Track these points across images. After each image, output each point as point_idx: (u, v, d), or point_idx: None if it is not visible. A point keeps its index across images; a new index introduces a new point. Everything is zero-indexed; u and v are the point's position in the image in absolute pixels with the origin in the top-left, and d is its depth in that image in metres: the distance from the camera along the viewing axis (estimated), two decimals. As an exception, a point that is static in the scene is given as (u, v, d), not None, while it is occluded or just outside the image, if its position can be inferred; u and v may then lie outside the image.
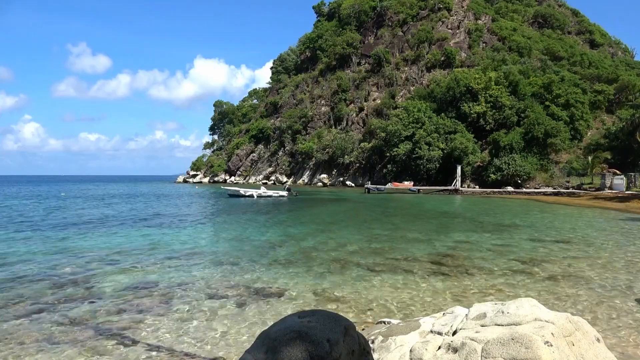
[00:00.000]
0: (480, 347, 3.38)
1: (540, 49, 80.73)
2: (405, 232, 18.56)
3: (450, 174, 57.18)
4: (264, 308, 7.95)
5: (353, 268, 11.18)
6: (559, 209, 30.68)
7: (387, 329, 4.57)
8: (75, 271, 10.99)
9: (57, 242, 15.62)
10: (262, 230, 19.24)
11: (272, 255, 13.24)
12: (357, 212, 30.69)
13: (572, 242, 15.55)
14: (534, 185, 53.00)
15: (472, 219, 24.07)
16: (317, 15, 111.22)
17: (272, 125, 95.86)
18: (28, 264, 11.87)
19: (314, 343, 2.74)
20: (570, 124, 59.97)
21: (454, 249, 13.95)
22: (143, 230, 19.22)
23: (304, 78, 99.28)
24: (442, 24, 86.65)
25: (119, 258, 12.73)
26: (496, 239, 16.32)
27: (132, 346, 6.28)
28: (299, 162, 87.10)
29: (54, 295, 8.85)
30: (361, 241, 15.72)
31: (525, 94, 62.80)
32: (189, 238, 17.04)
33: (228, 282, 9.82)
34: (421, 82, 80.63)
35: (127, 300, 8.48)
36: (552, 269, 10.95)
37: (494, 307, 4.06)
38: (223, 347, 6.24)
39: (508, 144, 56.06)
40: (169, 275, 10.58)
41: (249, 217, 26.00)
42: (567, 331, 3.47)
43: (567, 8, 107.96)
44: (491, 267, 11.27)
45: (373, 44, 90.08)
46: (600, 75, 72.73)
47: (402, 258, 12.52)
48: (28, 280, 10.10)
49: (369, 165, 74.25)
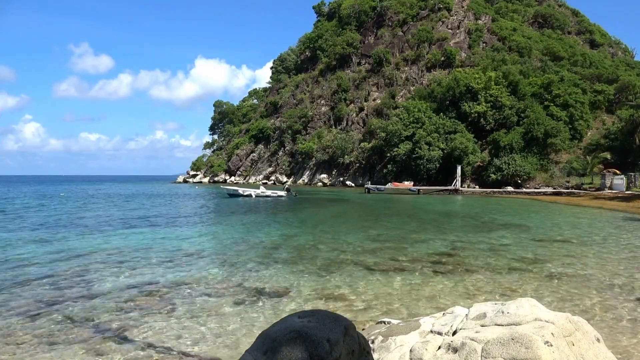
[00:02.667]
0: (480, 347, 3.38)
1: (540, 49, 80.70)
2: (405, 232, 18.57)
3: (451, 174, 57.18)
4: (264, 308, 7.95)
5: (353, 268, 11.19)
6: (558, 209, 30.68)
7: (387, 329, 4.57)
8: (74, 271, 10.98)
9: (56, 242, 15.61)
10: (261, 230, 19.24)
11: (271, 255, 13.24)
12: (357, 212, 30.70)
13: (572, 241, 15.55)
14: (534, 185, 53.00)
15: (472, 219, 24.07)
16: (317, 15, 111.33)
17: (272, 125, 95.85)
18: (28, 264, 11.88)
19: (314, 343, 2.74)
20: (570, 124, 59.98)
21: (454, 249, 13.96)
22: (142, 230, 19.22)
23: (304, 78, 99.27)
24: (442, 24, 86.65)
25: (118, 258, 12.73)
26: (496, 238, 16.32)
27: (132, 346, 6.28)
28: (299, 162, 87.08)
29: (54, 295, 8.85)
30: (361, 241, 15.72)
31: (525, 94, 62.82)
32: (188, 238, 17.05)
33: (228, 282, 9.82)
34: (421, 82, 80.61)
35: (127, 300, 8.48)
36: (552, 269, 10.95)
37: (494, 307, 4.06)
38: (223, 347, 6.24)
39: (508, 144, 56.09)
40: (168, 275, 10.58)
41: (249, 217, 26.00)
42: (567, 331, 3.47)
43: (567, 8, 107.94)
44: (491, 266, 11.27)
45: (373, 44, 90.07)
46: (600, 75, 72.70)
47: (402, 258, 12.53)
48: (28, 280, 10.10)
49: (369, 165, 74.24)
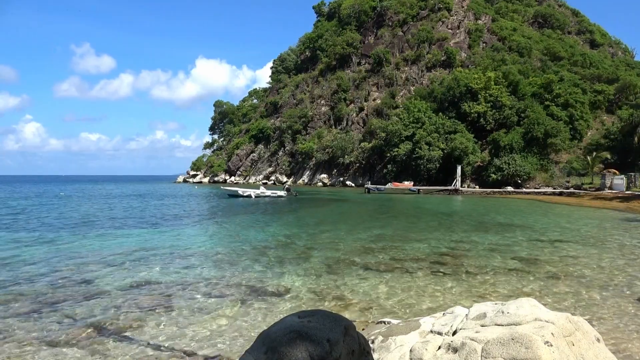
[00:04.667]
0: (480, 347, 3.38)
1: (540, 49, 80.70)
2: (405, 232, 18.57)
3: (451, 174, 57.17)
4: (264, 308, 7.95)
5: (353, 268, 11.19)
6: (558, 209, 30.67)
7: (387, 329, 4.57)
8: (74, 271, 10.99)
9: (56, 242, 15.61)
10: (261, 230, 19.24)
11: (271, 255, 13.24)
12: (357, 212, 30.70)
13: (572, 241, 15.55)
14: (534, 185, 53.00)
15: (472, 219, 24.07)
16: (317, 15, 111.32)
17: (272, 125, 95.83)
18: (28, 264, 11.87)
19: (314, 343, 2.74)
20: (570, 124, 59.99)
21: (454, 249, 13.96)
22: (142, 231, 19.22)
23: (304, 78, 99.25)
24: (442, 24, 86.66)
25: (118, 258, 12.73)
26: (496, 238, 16.32)
27: (132, 346, 6.28)
28: (299, 162, 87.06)
29: (54, 295, 8.85)
30: (361, 241, 15.72)
31: (525, 94, 62.84)
32: (188, 238, 17.06)
33: (228, 282, 9.82)
34: (421, 82, 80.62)
35: (127, 300, 8.48)
36: (552, 269, 10.95)
37: (494, 307, 4.06)
38: (223, 347, 6.24)
39: (508, 144, 56.09)
40: (168, 275, 10.58)
41: (249, 217, 26.01)
42: (567, 331, 3.47)
43: (567, 8, 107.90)
44: (491, 266, 11.27)
45: (373, 44, 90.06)
46: (600, 75, 72.69)
47: (402, 258, 12.52)
48: (28, 280, 10.10)
49: (369, 165, 74.23)
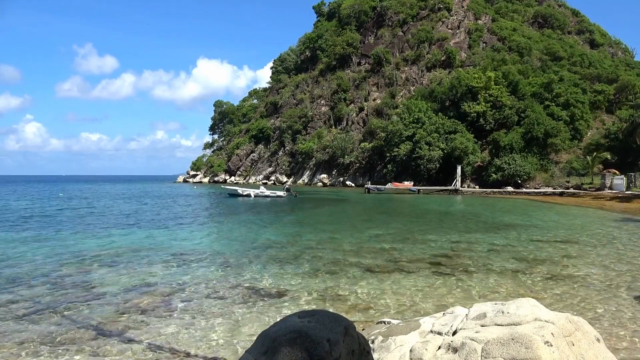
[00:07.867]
0: (480, 347, 3.38)
1: (540, 49, 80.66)
2: (405, 232, 18.57)
3: (451, 174, 57.18)
4: (264, 308, 7.95)
5: (353, 268, 11.18)
6: (559, 209, 30.67)
7: (387, 329, 4.57)
8: (74, 271, 10.99)
9: (57, 243, 15.61)
10: (261, 231, 19.24)
11: (271, 255, 13.24)
12: (356, 212, 30.69)
13: (572, 241, 15.55)
14: (534, 185, 52.99)
15: (472, 219, 24.07)
16: (317, 15, 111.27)
17: (272, 125, 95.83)
18: (28, 264, 11.87)
19: (314, 343, 2.74)
20: (570, 124, 59.95)
21: (454, 249, 13.96)
22: (142, 230, 19.22)
23: (304, 78, 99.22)
24: (442, 24, 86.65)
25: (118, 258, 12.73)
26: (496, 238, 16.32)
27: (132, 346, 6.28)
28: (299, 162, 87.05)
29: (54, 295, 8.85)
30: (361, 241, 15.72)
31: (525, 94, 62.82)
32: (188, 238, 17.05)
33: (228, 282, 9.82)
34: (421, 82, 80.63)
35: (127, 300, 8.48)
36: (552, 269, 10.95)
37: (494, 307, 4.06)
38: (223, 347, 6.24)
39: (508, 144, 56.09)
40: (168, 275, 10.58)
41: (249, 217, 26.00)
42: (567, 331, 3.47)
43: (567, 8, 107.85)
44: (491, 266, 11.27)
45: (373, 44, 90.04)
46: (600, 75, 72.65)
47: (402, 258, 12.52)
48: (28, 280, 10.10)
49: (369, 165, 74.24)
